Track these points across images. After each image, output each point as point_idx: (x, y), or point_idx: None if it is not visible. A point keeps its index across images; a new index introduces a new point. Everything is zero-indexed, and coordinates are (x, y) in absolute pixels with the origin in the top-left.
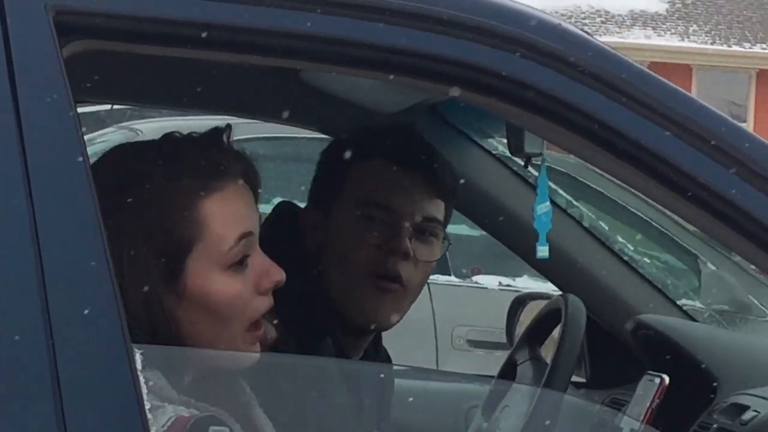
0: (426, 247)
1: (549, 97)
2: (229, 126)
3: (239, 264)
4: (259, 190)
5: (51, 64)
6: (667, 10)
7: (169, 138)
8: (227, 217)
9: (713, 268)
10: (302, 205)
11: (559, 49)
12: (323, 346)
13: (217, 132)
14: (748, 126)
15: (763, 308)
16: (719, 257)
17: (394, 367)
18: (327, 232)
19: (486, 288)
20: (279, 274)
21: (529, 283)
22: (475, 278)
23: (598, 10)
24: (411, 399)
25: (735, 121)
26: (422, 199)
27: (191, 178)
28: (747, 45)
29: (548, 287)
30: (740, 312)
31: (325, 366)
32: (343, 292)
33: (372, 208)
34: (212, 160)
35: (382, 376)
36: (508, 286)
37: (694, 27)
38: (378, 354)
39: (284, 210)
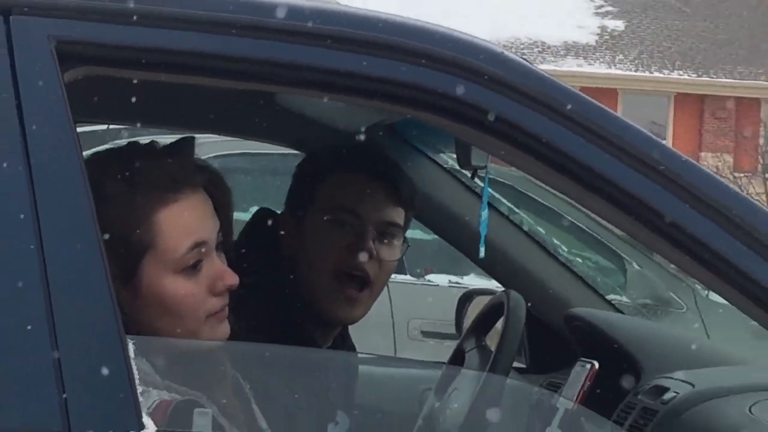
0: (388, 249)
1: (502, 125)
2: (190, 139)
3: (192, 268)
4: (229, 199)
5: (53, 88)
6: (596, 41)
7: (133, 148)
8: (180, 227)
9: (637, 267)
10: (278, 212)
11: (502, 75)
12: (296, 337)
13: (178, 145)
14: (668, 142)
15: (681, 302)
16: (643, 258)
17: (359, 355)
18: (301, 236)
19: (437, 285)
20: (232, 279)
21: (475, 281)
22: (427, 277)
23: (535, 41)
24: (373, 382)
25: (654, 137)
26: (385, 207)
27: (148, 189)
28: (666, 71)
29: (492, 284)
30: (661, 305)
31: (298, 355)
32: (314, 289)
33: (341, 214)
34: (169, 173)
35: (348, 363)
36: (457, 283)
37: (620, 56)
38: (345, 343)
39: (263, 216)
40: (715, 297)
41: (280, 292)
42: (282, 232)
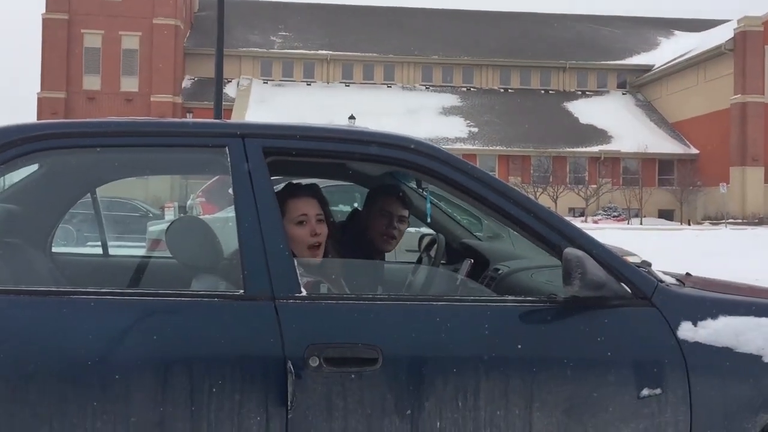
0: (401, 224)
1: (429, 170)
2: (298, 183)
3: (300, 223)
4: (323, 199)
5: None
6: (467, 133)
7: (288, 184)
8: (295, 207)
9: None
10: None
11: (430, 152)
12: (366, 257)
13: (295, 183)
14: (495, 175)
15: (504, 235)
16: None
17: (388, 263)
18: (368, 218)
19: (411, 232)
20: (320, 229)
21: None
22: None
23: (430, 137)
24: (391, 270)
25: (509, 185)
26: (400, 208)
27: (290, 195)
28: (498, 147)
29: (431, 232)
30: (497, 236)
31: (370, 264)
32: (374, 239)
33: (383, 211)
34: (292, 189)
35: (382, 265)
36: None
37: (478, 141)
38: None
39: (354, 211)
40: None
41: (361, 240)
42: (361, 217)
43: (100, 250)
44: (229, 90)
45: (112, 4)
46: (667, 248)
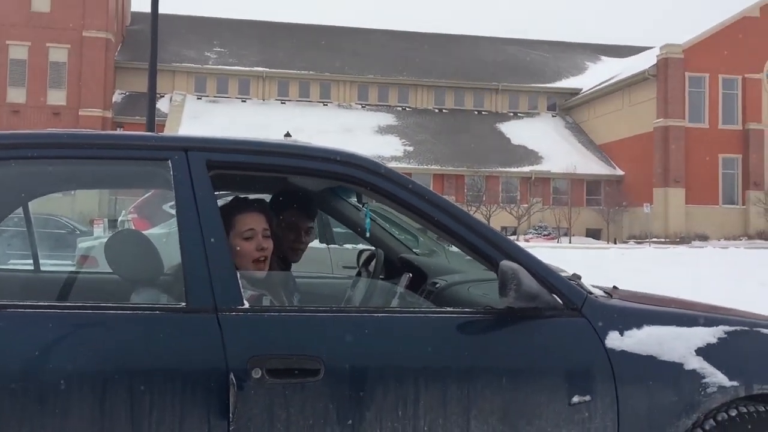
0: (309, 236)
1: (370, 185)
2: (245, 197)
3: (247, 238)
4: (269, 215)
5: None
6: (403, 152)
7: (235, 198)
8: (243, 222)
9: (425, 240)
10: None
11: (371, 167)
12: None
13: (243, 197)
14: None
15: (440, 251)
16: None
17: (318, 276)
18: (279, 232)
19: (347, 248)
20: (266, 243)
21: (362, 246)
22: (344, 245)
23: (372, 155)
24: (327, 285)
25: (448, 201)
26: (306, 221)
27: (237, 210)
28: (433, 166)
29: (370, 247)
30: (433, 252)
31: (313, 278)
32: (282, 251)
33: (291, 223)
34: (240, 204)
35: (326, 280)
36: (354, 247)
37: (413, 160)
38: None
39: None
40: (454, 249)
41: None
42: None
43: (28, 266)
44: (162, 105)
45: (39, 15)
46: (596, 265)
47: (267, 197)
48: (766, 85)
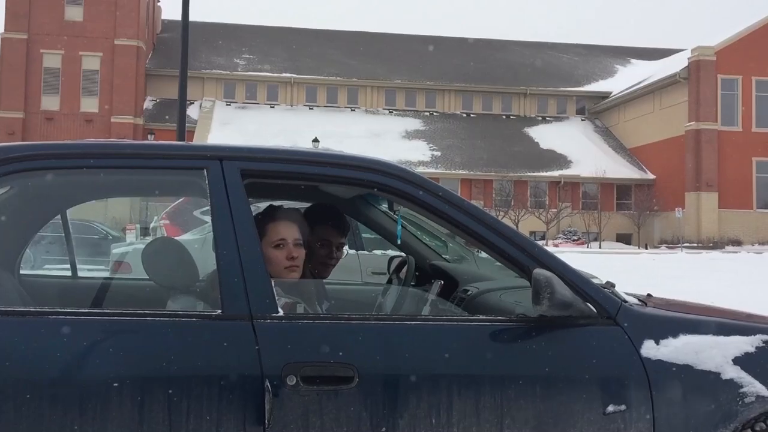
0: (340, 252)
1: (404, 193)
2: (279, 205)
3: (278, 246)
4: (303, 224)
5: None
6: (430, 157)
7: (269, 206)
8: (275, 231)
9: (454, 246)
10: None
11: (405, 175)
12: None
13: (276, 206)
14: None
15: (469, 257)
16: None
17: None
18: (312, 247)
19: (378, 254)
20: (296, 253)
21: (392, 252)
22: (372, 251)
23: (399, 160)
24: (357, 291)
25: (480, 209)
26: (338, 236)
27: (270, 219)
28: (460, 171)
29: (401, 253)
30: (462, 257)
31: (314, 283)
32: (313, 266)
33: (324, 240)
34: (273, 213)
35: (359, 288)
36: (384, 253)
37: (441, 165)
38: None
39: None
40: (483, 254)
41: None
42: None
43: (63, 272)
44: (192, 112)
45: (72, 24)
46: (627, 271)
47: (298, 205)
48: None
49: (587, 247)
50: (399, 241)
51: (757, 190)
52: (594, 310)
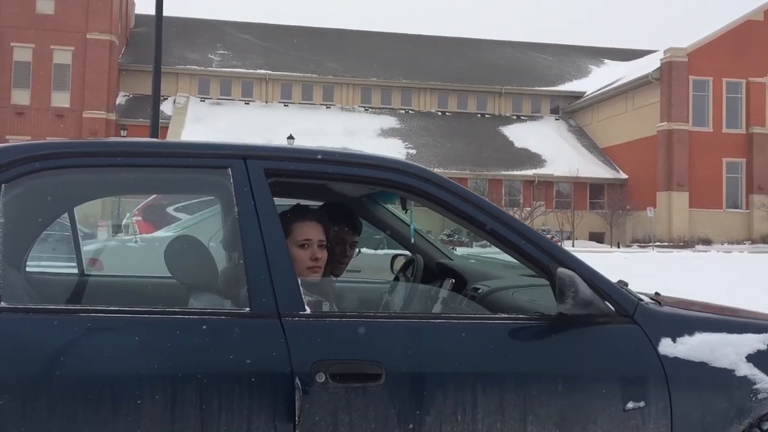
0: (353, 250)
1: (424, 193)
2: (306, 205)
3: (302, 246)
4: (327, 225)
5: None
6: (405, 155)
7: (297, 205)
8: (301, 231)
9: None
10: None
11: (425, 175)
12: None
13: (303, 206)
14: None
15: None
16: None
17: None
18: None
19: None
20: (319, 254)
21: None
22: (379, 251)
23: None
24: (366, 288)
25: (500, 209)
26: (352, 236)
27: (296, 218)
28: (436, 169)
29: (407, 253)
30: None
31: (332, 281)
32: (332, 264)
33: (339, 239)
34: (300, 212)
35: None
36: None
37: (416, 163)
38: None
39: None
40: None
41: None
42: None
43: (65, 269)
44: (166, 107)
45: (43, 17)
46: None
47: (306, 204)
48: None
49: (560, 245)
50: (413, 240)
51: (727, 190)
52: (612, 308)
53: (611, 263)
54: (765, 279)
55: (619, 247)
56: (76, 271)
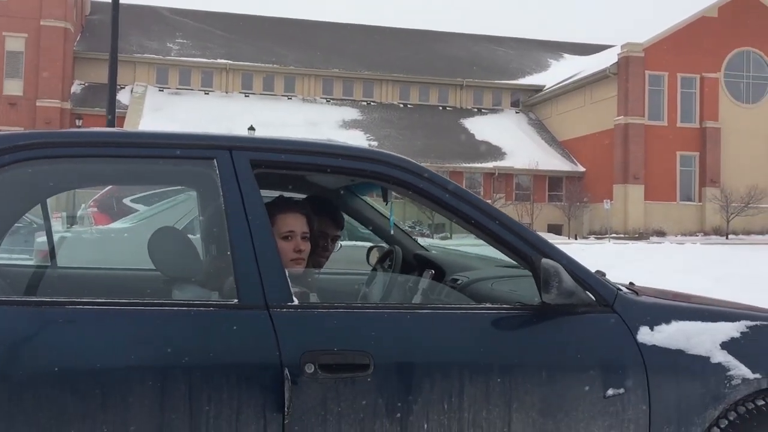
0: (334, 243)
1: (403, 182)
2: (289, 197)
3: (286, 238)
4: (311, 217)
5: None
6: (367, 147)
7: (280, 197)
8: (284, 222)
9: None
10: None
11: (413, 168)
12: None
13: (286, 197)
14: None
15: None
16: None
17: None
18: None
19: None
20: (303, 246)
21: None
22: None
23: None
24: (345, 280)
25: (486, 202)
26: (333, 228)
27: (279, 210)
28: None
29: (383, 245)
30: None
31: (315, 273)
32: (314, 256)
33: (321, 232)
34: (283, 204)
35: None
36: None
37: None
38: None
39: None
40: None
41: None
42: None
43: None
44: (123, 97)
45: None
46: None
47: (298, 197)
48: (723, 84)
49: None
50: (392, 231)
51: (681, 183)
52: (593, 298)
53: (570, 254)
54: (715, 268)
55: (576, 239)
56: (50, 264)
